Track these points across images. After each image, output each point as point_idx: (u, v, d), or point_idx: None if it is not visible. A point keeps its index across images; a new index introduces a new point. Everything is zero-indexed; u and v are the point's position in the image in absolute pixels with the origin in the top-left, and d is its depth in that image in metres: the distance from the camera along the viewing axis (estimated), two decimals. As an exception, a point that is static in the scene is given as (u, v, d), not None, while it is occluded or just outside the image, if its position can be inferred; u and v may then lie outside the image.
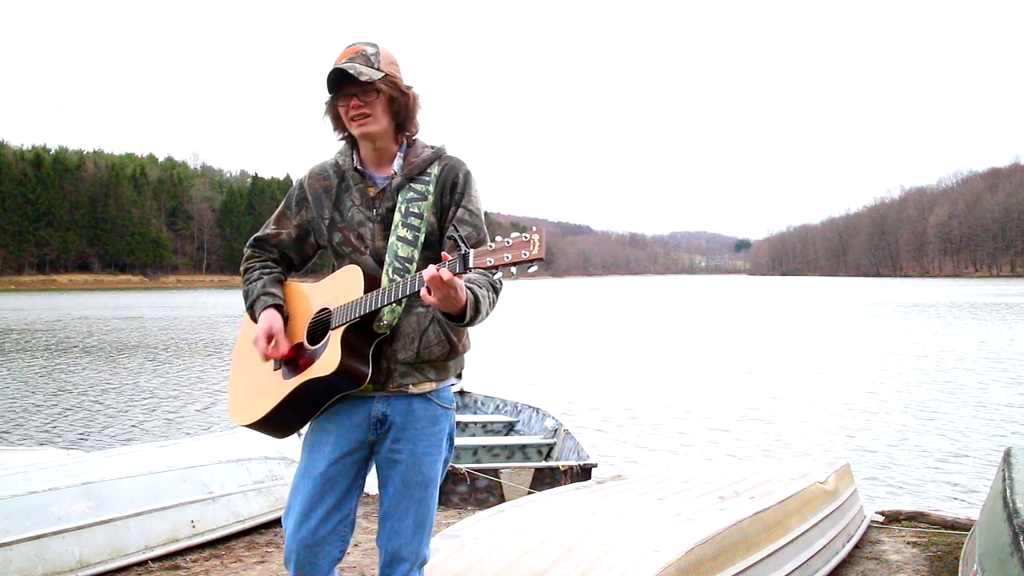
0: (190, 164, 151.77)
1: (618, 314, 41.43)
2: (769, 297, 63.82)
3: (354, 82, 2.26)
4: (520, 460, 6.89)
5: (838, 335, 26.15)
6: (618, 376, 16.35)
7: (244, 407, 2.43)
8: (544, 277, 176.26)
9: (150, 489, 4.32)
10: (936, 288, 78.12)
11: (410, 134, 2.39)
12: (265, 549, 4.55)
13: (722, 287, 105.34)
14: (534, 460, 6.85)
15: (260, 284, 2.44)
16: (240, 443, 5.17)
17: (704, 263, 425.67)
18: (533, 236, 1.90)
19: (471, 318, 2.13)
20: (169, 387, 14.74)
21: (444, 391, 2.39)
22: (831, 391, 14.08)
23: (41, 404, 12.91)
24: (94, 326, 31.51)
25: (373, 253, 2.35)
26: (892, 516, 5.36)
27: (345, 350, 2.22)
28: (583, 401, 12.94)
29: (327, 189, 2.42)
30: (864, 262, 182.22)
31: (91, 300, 60.59)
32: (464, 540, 3.15)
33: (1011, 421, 11.19)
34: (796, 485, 4.08)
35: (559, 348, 22.61)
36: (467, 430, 8.07)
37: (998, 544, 2.73)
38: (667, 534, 3.16)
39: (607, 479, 4.41)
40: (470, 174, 2.39)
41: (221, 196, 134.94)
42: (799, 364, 18.20)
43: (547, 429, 7.56)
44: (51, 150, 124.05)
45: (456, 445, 6.96)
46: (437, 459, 2.36)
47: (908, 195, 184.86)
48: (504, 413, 8.53)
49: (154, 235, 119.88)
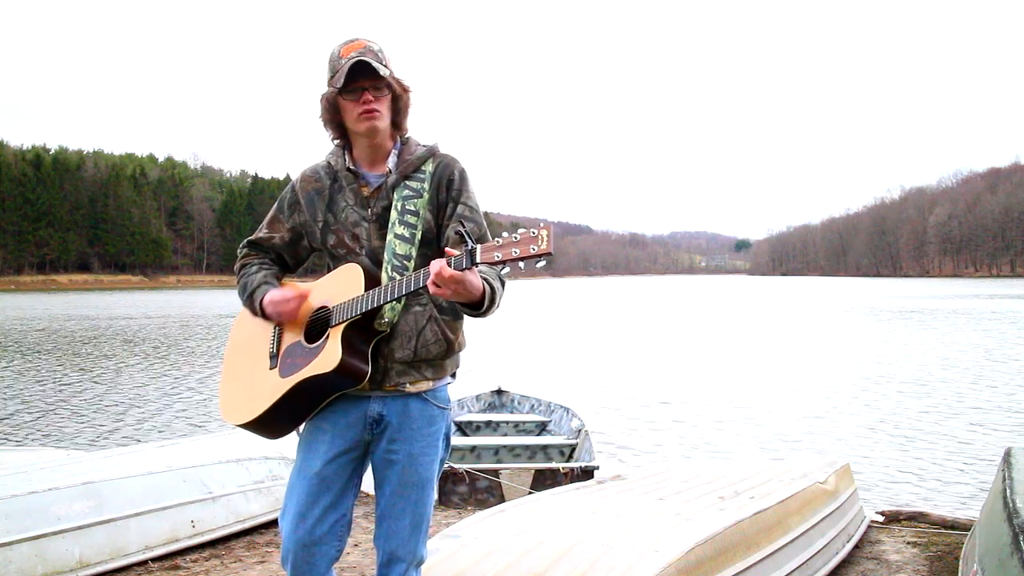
0: (190, 164, 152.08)
1: (619, 314, 41.41)
2: (769, 297, 63.79)
3: (368, 76, 2.25)
4: (542, 461, 6.90)
5: (838, 335, 26.14)
6: (618, 376, 16.34)
7: (238, 406, 2.41)
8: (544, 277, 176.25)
9: (150, 489, 4.31)
10: (936, 288, 78.07)
11: (403, 133, 2.39)
12: (265, 549, 4.54)
13: (722, 287, 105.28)
14: (557, 461, 6.85)
15: (260, 275, 2.43)
16: (240, 443, 5.16)
17: (704, 263, 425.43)
18: (541, 232, 1.89)
19: (487, 307, 2.13)
20: (169, 387, 14.74)
21: (440, 391, 2.38)
22: (831, 391, 14.07)
23: (41, 404, 12.91)
24: (94, 326, 31.50)
25: (369, 253, 2.34)
26: (892, 516, 5.36)
27: (346, 347, 2.21)
28: (583, 401, 12.92)
29: (319, 191, 2.41)
30: (864, 262, 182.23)
31: (91, 300, 60.56)
32: (464, 540, 3.15)
33: (1011, 421, 11.19)
34: (796, 485, 4.07)
35: (559, 348, 22.60)
36: (498, 429, 8.09)
37: (998, 544, 2.72)
38: (667, 534, 3.15)
39: (607, 479, 4.40)
40: (465, 171, 2.39)
41: (221, 196, 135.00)
42: (799, 364, 18.19)
43: (572, 430, 7.58)
44: (51, 150, 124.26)
45: (479, 445, 7.01)
46: (433, 459, 2.36)
47: (908, 195, 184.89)
48: (539, 413, 8.58)
49: (154, 235, 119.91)
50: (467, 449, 6.99)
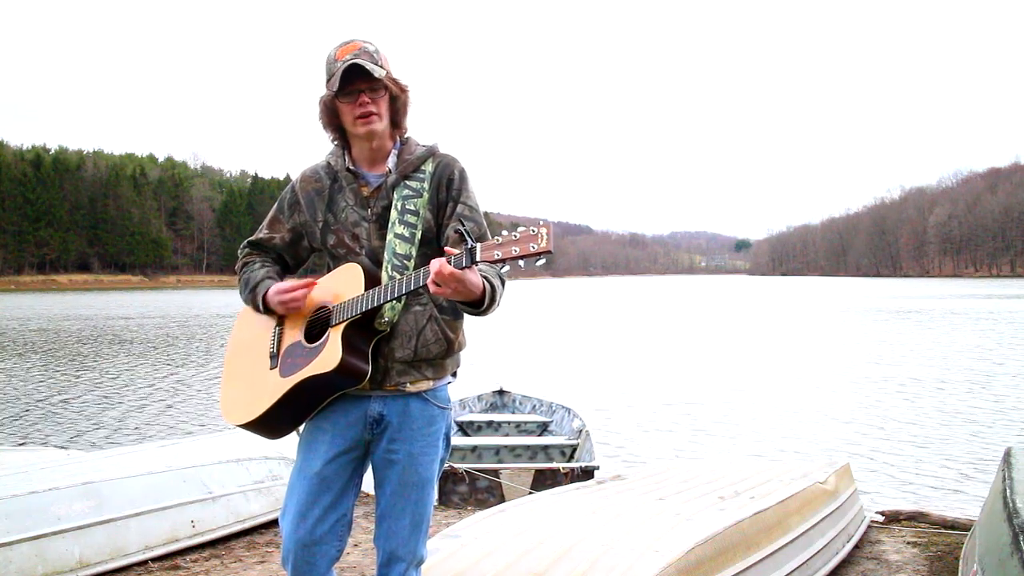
0: (190, 164, 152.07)
1: (619, 314, 41.40)
2: (769, 297, 63.78)
3: (364, 79, 2.25)
4: (543, 461, 6.90)
5: (838, 335, 26.14)
6: (619, 377, 16.34)
7: (239, 406, 2.40)
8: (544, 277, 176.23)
9: (150, 489, 4.31)
10: (936, 288, 78.06)
11: (402, 132, 2.39)
12: (265, 549, 4.54)
13: (722, 287, 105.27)
14: (558, 461, 6.85)
15: (263, 272, 2.43)
16: (240, 443, 5.16)
17: (704, 263, 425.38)
18: (541, 230, 1.90)
19: (487, 306, 2.13)
20: (169, 387, 14.74)
21: (441, 390, 2.38)
22: (831, 391, 14.07)
23: (41, 404, 12.91)
24: (94, 326, 31.50)
25: (369, 252, 2.34)
26: (892, 516, 5.36)
27: (346, 347, 2.21)
28: (583, 401, 12.91)
29: (319, 191, 2.41)
30: (864, 262, 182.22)
31: (91, 300, 60.55)
32: (464, 540, 3.15)
33: (1011, 421, 11.19)
34: (796, 485, 4.07)
35: (560, 348, 22.60)
36: (500, 429, 8.09)
37: (998, 544, 2.72)
38: (667, 534, 3.15)
39: (607, 479, 4.40)
40: (465, 171, 2.39)
41: (221, 196, 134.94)
42: (799, 364, 18.19)
43: (573, 430, 7.58)
44: (51, 150, 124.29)
45: (480, 445, 7.01)
46: (434, 459, 2.36)
47: (908, 195, 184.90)
48: (540, 413, 8.57)
49: (154, 235, 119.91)
50: (468, 449, 6.98)
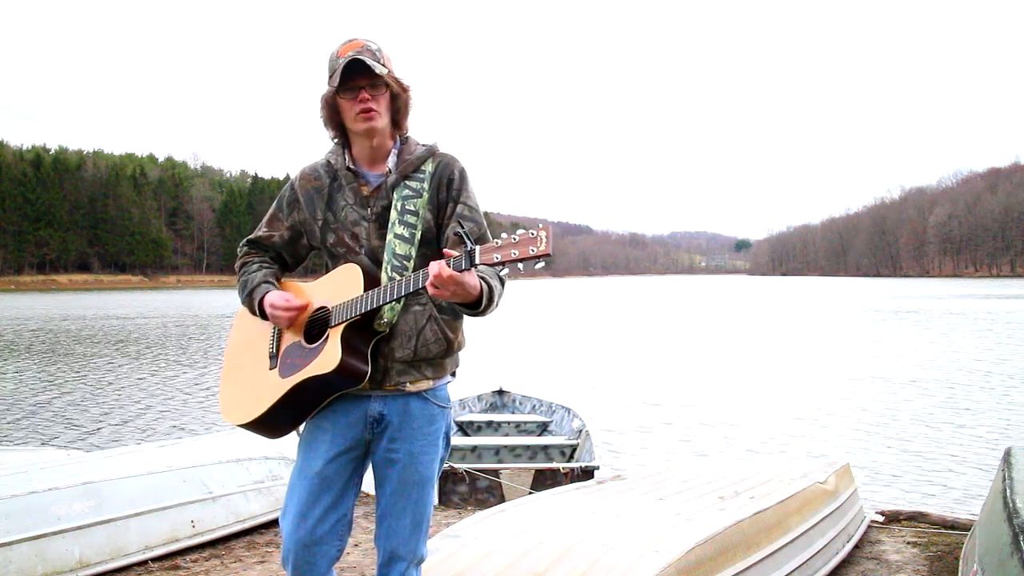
0: (190, 164, 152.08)
1: (619, 315, 41.40)
2: (769, 297, 63.77)
3: (365, 75, 2.24)
4: (543, 461, 6.90)
5: (838, 335, 26.13)
6: (619, 377, 16.34)
7: (239, 406, 2.40)
8: (544, 277, 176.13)
9: (150, 489, 4.31)
10: (936, 288, 78.04)
11: (403, 132, 2.39)
12: (265, 549, 4.54)
13: (722, 287, 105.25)
14: (558, 461, 6.85)
15: (261, 274, 2.43)
16: (240, 443, 5.16)
17: (704, 263, 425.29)
18: (540, 233, 1.90)
19: (485, 307, 2.13)
20: (169, 387, 14.74)
21: (440, 390, 2.38)
22: (831, 391, 14.07)
23: (41, 404, 12.91)
24: (94, 326, 31.49)
25: (368, 252, 2.33)
26: (892, 516, 5.36)
27: (345, 348, 2.21)
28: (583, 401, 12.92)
29: (319, 189, 2.40)
30: (864, 262, 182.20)
31: (91, 300, 60.54)
32: (464, 540, 3.15)
33: (1011, 421, 11.19)
34: (796, 485, 4.07)
35: (560, 348, 22.60)
36: (500, 429, 8.09)
37: (998, 544, 2.72)
38: (667, 534, 3.15)
39: (607, 479, 4.40)
40: (465, 171, 2.38)
41: (221, 196, 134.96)
42: (799, 364, 18.19)
43: (573, 430, 7.58)
44: (51, 150, 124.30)
45: (480, 445, 7.00)
46: (434, 458, 2.36)
47: (908, 195, 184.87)
48: (539, 413, 8.57)
49: (154, 235, 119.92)
50: (468, 449, 6.98)
